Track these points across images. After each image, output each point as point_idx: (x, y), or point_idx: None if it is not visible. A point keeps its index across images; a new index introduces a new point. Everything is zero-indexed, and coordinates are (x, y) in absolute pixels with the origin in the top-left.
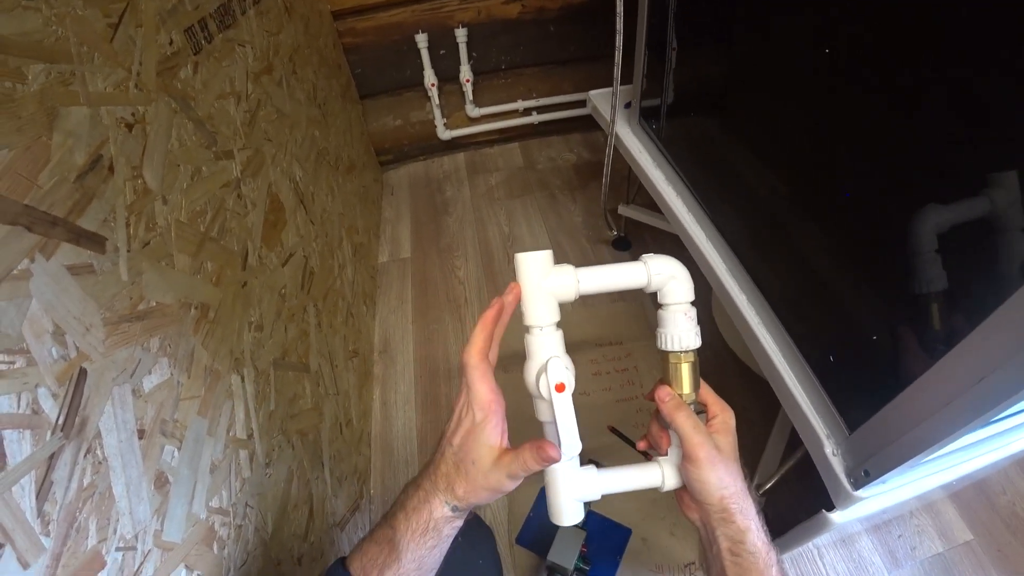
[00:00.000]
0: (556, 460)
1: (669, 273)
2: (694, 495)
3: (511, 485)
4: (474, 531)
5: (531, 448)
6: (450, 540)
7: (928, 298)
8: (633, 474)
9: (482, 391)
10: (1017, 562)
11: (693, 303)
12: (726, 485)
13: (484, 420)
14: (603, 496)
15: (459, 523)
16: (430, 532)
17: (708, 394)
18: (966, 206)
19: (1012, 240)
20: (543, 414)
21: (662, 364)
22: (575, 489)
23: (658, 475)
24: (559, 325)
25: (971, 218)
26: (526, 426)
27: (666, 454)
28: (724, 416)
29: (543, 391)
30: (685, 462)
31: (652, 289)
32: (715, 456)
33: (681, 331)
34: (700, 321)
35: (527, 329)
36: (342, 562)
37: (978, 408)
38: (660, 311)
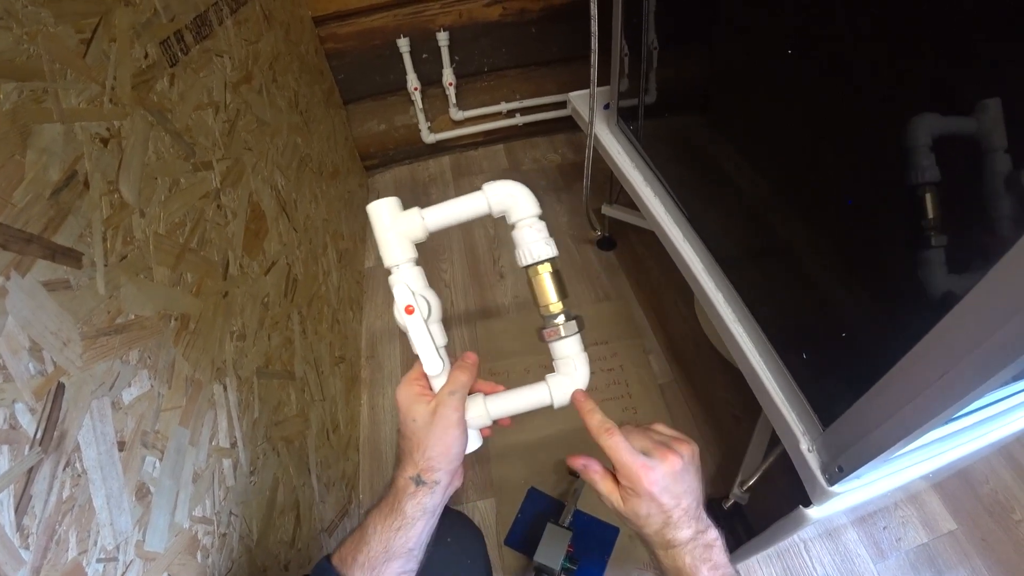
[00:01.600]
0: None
1: (507, 193)
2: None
3: (451, 415)
4: (463, 532)
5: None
6: (417, 524)
7: (892, 296)
8: (521, 395)
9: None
10: (1000, 550)
11: (540, 216)
12: (649, 520)
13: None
14: (494, 420)
15: (424, 500)
16: (394, 512)
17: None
18: (930, 204)
19: (965, 241)
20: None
21: (528, 286)
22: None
23: (546, 393)
24: (417, 262)
25: (932, 216)
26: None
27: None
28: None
29: (397, 319)
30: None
31: (497, 214)
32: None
33: (530, 242)
34: (685, 319)
35: (388, 271)
36: (328, 558)
37: (942, 403)
38: (511, 233)
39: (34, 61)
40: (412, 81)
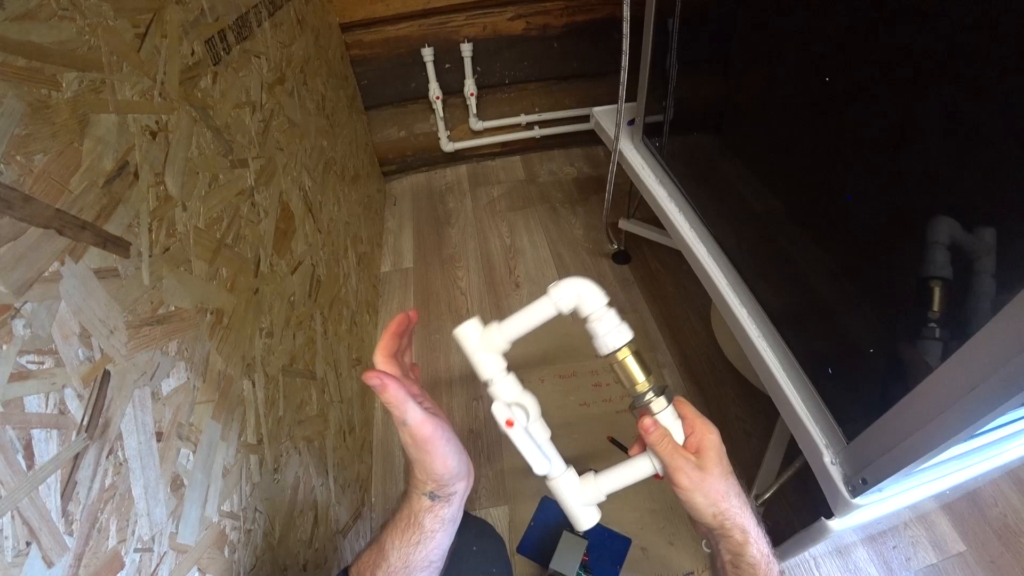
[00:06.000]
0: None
1: (573, 292)
2: (690, 515)
3: (426, 434)
4: (486, 539)
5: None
6: (435, 537)
7: (922, 313)
8: (628, 470)
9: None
10: (1009, 573)
11: (609, 304)
12: (714, 503)
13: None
14: (608, 496)
15: (442, 512)
16: (412, 527)
17: (688, 410)
18: (960, 229)
19: (1000, 262)
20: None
21: (612, 372)
22: (580, 496)
23: (649, 465)
24: (509, 369)
25: (964, 239)
26: None
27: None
28: (704, 432)
29: (501, 428)
30: (673, 487)
31: (567, 313)
32: (697, 478)
33: (605, 334)
34: (697, 332)
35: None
36: (345, 572)
37: (969, 417)
38: (585, 326)
39: (94, 52)
40: (434, 90)
